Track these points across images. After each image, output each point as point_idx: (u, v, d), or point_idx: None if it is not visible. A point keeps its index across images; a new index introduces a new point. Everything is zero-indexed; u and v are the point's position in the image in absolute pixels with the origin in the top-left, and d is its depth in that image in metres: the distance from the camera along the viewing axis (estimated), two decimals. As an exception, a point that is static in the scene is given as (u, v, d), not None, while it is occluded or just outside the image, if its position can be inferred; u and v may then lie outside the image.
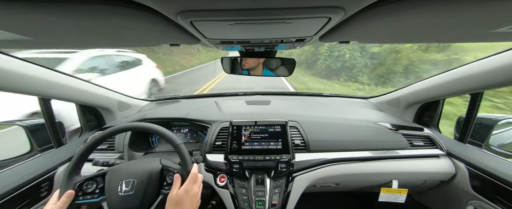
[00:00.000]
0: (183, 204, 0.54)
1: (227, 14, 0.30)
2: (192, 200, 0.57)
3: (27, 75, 0.72)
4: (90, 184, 0.63)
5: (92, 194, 0.62)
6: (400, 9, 0.29)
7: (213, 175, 0.90)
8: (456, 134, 0.99)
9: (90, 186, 0.63)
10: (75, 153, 0.65)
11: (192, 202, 0.56)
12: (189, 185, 0.57)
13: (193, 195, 0.57)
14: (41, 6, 0.26)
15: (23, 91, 0.73)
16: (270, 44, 0.59)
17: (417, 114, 1.16)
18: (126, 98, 1.31)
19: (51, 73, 0.83)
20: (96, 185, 0.63)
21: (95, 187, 0.63)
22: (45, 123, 0.92)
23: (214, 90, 5.99)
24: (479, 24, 0.34)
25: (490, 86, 0.77)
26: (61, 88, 0.87)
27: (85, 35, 0.41)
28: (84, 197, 0.61)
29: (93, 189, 0.63)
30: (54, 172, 0.85)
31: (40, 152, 0.93)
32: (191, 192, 0.57)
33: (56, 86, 0.84)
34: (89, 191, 0.62)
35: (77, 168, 0.64)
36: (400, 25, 0.37)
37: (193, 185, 0.58)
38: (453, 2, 0.26)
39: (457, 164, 0.89)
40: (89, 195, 0.62)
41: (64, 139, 1.01)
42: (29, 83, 0.73)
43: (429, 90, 1.02)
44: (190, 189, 0.57)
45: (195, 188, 0.59)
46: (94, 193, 0.62)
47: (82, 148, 0.65)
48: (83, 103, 1.05)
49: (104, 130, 0.66)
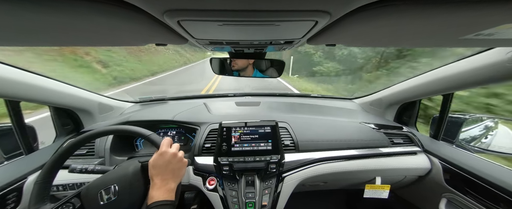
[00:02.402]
0: (159, 165, 0.56)
1: (216, 15, 0.29)
2: (170, 160, 0.57)
3: None
4: (66, 207, 0.56)
5: None
6: (380, 14, 0.30)
7: (202, 178, 0.88)
8: (431, 132, 1.08)
9: (67, 206, 0.56)
10: (48, 160, 0.59)
11: (170, 162, 0.57)
12: (162, 148, 0.58)
13: (170, 155, 0.58)
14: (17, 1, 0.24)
15: None
16: (259, 46, 0.60)
17: (397, 114, 1.24)
18: (108, 99, 1.24)
19: (19, 72, 0.75)
20: (72, 207, 0.57)
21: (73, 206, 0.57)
22: (13, 127, 0.83)
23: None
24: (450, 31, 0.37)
25: (459, 88, 0.85)
26: (31, 88, 0.79)
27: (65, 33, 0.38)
28: None
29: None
30: (23, 182, 0.77)
31: (7, 160, 0.84)
32: (167, 155, 0.57)
33: (25, 87, 0.76)
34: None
35: (50, 176, 0.58)
36: (380, 30, 0.39)
37: (167, 148, 0.59)
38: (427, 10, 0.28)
39: (432, 160, 0.96)
40: None
41: (36, 145, 0.92)
42: None
43: (406, 91, 1.09)
44: (165, 152, 0.58)
45: (171, 150, 0.59)
46: None
47: (56, 154, 0.59)
48: (58, 105, 0.96)
49: (82, 134, 0.62)
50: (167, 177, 0.56)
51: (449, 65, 0.85)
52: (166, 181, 0.55)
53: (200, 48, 0.65)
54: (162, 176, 0.55)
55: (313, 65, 10.39)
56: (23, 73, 0.76)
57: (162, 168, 0.56)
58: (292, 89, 7.23)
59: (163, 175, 0.56)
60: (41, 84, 0.82)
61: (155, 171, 0.56)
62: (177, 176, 0.59)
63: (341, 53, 9.22)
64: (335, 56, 9.72)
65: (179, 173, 0.59)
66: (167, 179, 0.56)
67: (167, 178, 0.56)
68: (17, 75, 0.73)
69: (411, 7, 0.28)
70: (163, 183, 0.54)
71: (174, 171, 0.58)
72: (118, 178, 0.59)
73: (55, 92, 0.90)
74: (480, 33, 0.35)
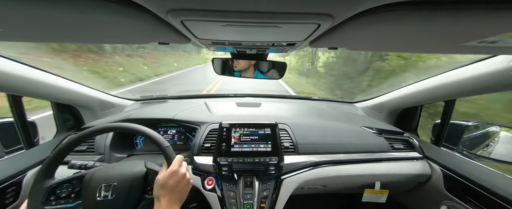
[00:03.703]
0: (168, 186, 0.54)
1: (219, 15, 0.29)
2: (180, 181, 0.56)
3: None
4: (65, 188, 0.58)
5: (66, 198, 0.57)
6: (382, 19, 0.31)
7: (200, 178, 0.88)
8: (432, 138, 1.07)
9: (64, 190, 0.57)
10: (48, 155, 0.60)
11: (179, 183, 0.56)
12: (174, 167, 0.56)
13: (180, 176, 0.56)
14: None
15: None
16: (261, 47, 0.60)
17: (398, 119, 1.24)
18: (109, 96, 1.24)
19: (23, 67, 0.75)
20: (71, 189, 0.58)
21: (71, 191, 0.58)
22: (14, 122, 0.84)
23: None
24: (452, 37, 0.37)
25: (461, 95, 0.85)
26: (33, 83, 0.79)
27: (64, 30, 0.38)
28: (57, 202, 0.56)
29: (68, 193, 0.57)
30: (23, 176, 0.77)
31: (7, 154, 0.84)
32: (178, 175, 0.56)
33: (27, 81, 0.77)
34: (63, 196, 0.57)
35: (50, 172, 0.58)
36: (382, 35, 0.39)
37: (179, 167, 0.57)
38: (429, 16, 0.28)
39: (433, 166, 0.96)
40: (63, 200, 0.56)
41: (37, 140, 0.93)
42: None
43: (408, 97, 1.09)
44: (176, 171, 0.56)
45: (181, 170, 0.58)
46: (69, 197, 0.57)
47: (57, 149, 0.59)
48: (59, 101, 0.97)
49: (83, 130, 0.62)
50: (174, 199, 0.54)
51: (451, 71, 0.85)
52: (173, 203, 0.53)
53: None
54: (170, 198, 0.53)
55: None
56: (25, 68, 0.76)
57: (170, 189, 0.54)
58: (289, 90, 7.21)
59: (171, 197, 0.53)
60: (43, 79, 0.83)
61: (163, 191, 0.53)
62: (183, 197, 0.57)
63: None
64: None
65: (185, 195, 0.58)
66: (174, 201, 0.53)
67: (174, 200, 0.53)
68: (19, 70, 0.74)
69: (414, 12, 0.28)
70: (169, 206, 0.52)
71: (181, 192, 0.56)
72: (120, 176, 0.59)
73: (57, 87, 0.90)
74: (483, 40, 0.35)
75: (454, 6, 0.26)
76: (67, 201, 0.57)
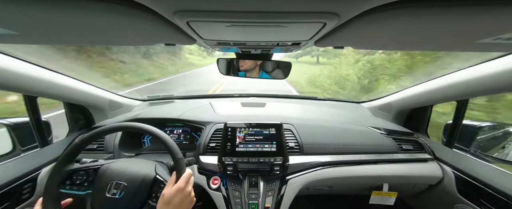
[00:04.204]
0: (173, 203, 0.54)
1: (224, 16, 0.30)
2: (184, 199, 0.56)
3: (10, 70, 0.68)
4: (80, 175, 0.61)
5: (79, 185, 0.60)
6: (392, 17, 0.30)
7: (206, 177, 0.89)
8: (444, 139, 1.03)
9: (80, 177, 0.60)
10: (61, 153, 0.62)
11: (184, 201, 0.56)
12: (181, 184, 0.57)
13: (185, 194, 0.57)
14: (30, 1, 0.25)
15: (6, 87, 0.70)
16: (266, 47, 0.60)
17: (407, 119, 1.20)
18: (118, 97, 1.28)
19: (37, 69, 0.79)
20: (86, 178, 0.61)
21: (85, 180, 0.61)
22: (30, 121, 0.88)
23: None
24: (466, 34, 0.36)
25: (475, 94, 0.81)
26: (47, 85, 0.83)
27: (76, 33, 0.40)
28: (70, 187, 0.59)
29: (82, 181, 0.60)
30: (37, 173, 0.80)
31: (23, 152, 0.88)
32: (184, 192, 0.56)
33: (42, 83, 0.80)
34: (77, 182, 0.60)
35: (72, 157, 0.62)
36: (391, 33, 0.38)
37: (186, 184, 0.58)
38: (441, 13, 0.27)
39: (444, 168, 0.92)
40: (76, 186, 0.59)
41: (50, 138, 0.97)
42: (12, 78, 0.70)
43: (418, 96, 1.05)
44: (183, 188, 0.56)
45: (187, 188, 0.58)
46: (81, 185, 0.60)
47: (83, 137, 0.61)
48: (71, 101, 1.01)
49: (93, 129, 0.64)
50: None
51: (463, 70, 0.81)
52: None
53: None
54: None
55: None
56: (40, 69, 0.80)
57: (174, 207, 0.54)
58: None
59: None
60: (56, 80, 0.86)
61: (169, 206, 0.53)
62: None
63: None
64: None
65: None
66: None
67: None
68: (34, 72, 0.77)
69: (424, 9, 0.27)
70: None
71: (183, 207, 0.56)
72: (131, 177, 0.60)
73: (69, 88, 0.94)
74: (499, 37, 0.34)
75: (468, 2, 0.25)
76: (79, 188, 0.59)
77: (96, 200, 0.57)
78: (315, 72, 10.73)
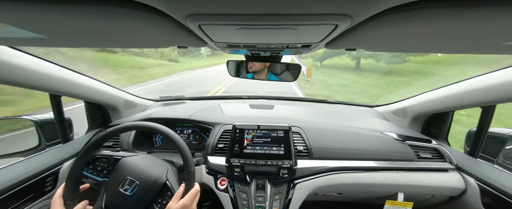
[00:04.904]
0: None
1: (235, 19, 0.30)
2: None
3: (39, 71, 0.75)
4: (103, 162, 0.65)
5: (99, 172, 0.64)
6: (409, 18, 0.28)
7: (213, 177, 0.90)
8: (467, 148, 0.96)
9: (101, 164, 0.65)
10: (83, 147, 0.66)
11: None
12: (188, 201, 0.57)
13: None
14: (58, 7, 0.27)
15: (34, 87, 0.76)
16: (276, 49, 0.60)
17: (425, 125, 1.13)
18: (133, 97, 1.34)
19: (62, 70, 0.85)
20: (106, 166, 0.65)
21: (105, 167, 0.65)
22: (54, 119, 0.95)
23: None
24: (492, 36, 0.33)
25: (503, 100, 0.74)
26: (71, 85, 0.89)
27: (97, 36, 0.42)
28: (92, 171, 0.64)
29: (102, 168, 0.65)
30: (59, 167, 0.86)
31: (48, 147, 0.95)
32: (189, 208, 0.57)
33: (66, 83, 0.87)
34: (98, 168, 0.64)
35: (101, 144, 0.67)
36: (408, 35, 0.36)
37: (191, 202, 0.59)
38: (464, 13, 0.25)
39: (467, 180, 0.85)
40: (97, 172, 0.64)
41: (72, 135, 1.04)
42: (40, 79, 0.76)
43: (438, 102, 0.99)
44: (188, 206, 0.57)
45: (193, 206, 0.59)
46: (101, 172, 0.64)
47: (100, 135, 0.65)
48: (92, 100, 1.07)
49: (111, 127, 0.67)
50: None
51: (489, 74, 0.75)
52: None
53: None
54: None
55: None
56: (64, 70, 0.86)
57: None
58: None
59: None
60: (79, 81, 0.93)
61: None
62: None
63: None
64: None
65: None
66: None
67: None
68: (59, 72, 0.84)
69: (443, 10, 0.25)
70: None
71: None
72: (144, 177, 0.62)
73: (90, 88, 1.00)
74: None
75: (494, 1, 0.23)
76: (98, 174, 0.64)
77: (110, 190, 0.60)
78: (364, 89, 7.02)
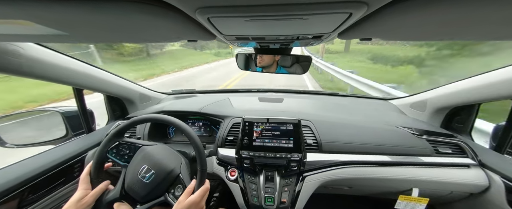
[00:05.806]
0: None
1: (244, 10, 0.30)
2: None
3: (63, 66, 0.80)
4: (126, 148, 0.70)
5: (121, 156, 0.69)
6: (429, 4, 0.26)
7: (224, 168, 0.93)
8: (493, 143, 0.89)
9: (124, 150, 0.70)
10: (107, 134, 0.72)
11: None
12: (197, 198, 0.59)
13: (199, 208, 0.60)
14: (79, 5, 0.28)
15: (59, 81, 0.82)
16: (285, 41, 0.58)
17: (445, 119, 1.06)
18: (147, 90, 1.40)
19: (84, 65, 0.91)
20: (128, 152, 0.70)
21: (127, 153, 0.70)
22: (78, 110, 1.03)
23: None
24: None
25: None
26: (92, 79, 0.96)
27: (113, 32, 0.44)
28: (115, 155, 0.69)
29: (124, 153, 0.70)
30: (84, 155, 0.95)
31: (74, 136, 1.04)
32: (197, 206, 0.59)
33: (88, 78, 0.93)
34: (121, 153, 0.70)
35: (124, 131, 0.72)
36: (430, 22, 0.33)
37: (201, 199, 0.61)
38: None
39: (491, 176, 0.80)
40: (119, 156, 0.69)
41: (94, 126, 1.12)
42: (64, 74, 0.82)
43: (462, 94, 0.92)
44: (197, 203, 0.59)
45: (202, 203, 0.61)
46: (123, 157, 0.69)
47: (126, 123, 0.69)
48: (111, 94, 1.14)
49: (128, 119, 0.71)
50: None
51: None
52: None
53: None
54: None
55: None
56: (85, 65, 0.92)
57: None
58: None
59: None
60: (99, 75, 0.99)
61: None
62: None
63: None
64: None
65: None
66: None
67: None
68: (81, 68, 0.89)
69: None
70: None
71: None
72: (160, 167, 0.65)
73: (110, 82, 1.07)
74: None
75: None
76: (121, 158, 0.69)
77: (130, 175, 0.65)
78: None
